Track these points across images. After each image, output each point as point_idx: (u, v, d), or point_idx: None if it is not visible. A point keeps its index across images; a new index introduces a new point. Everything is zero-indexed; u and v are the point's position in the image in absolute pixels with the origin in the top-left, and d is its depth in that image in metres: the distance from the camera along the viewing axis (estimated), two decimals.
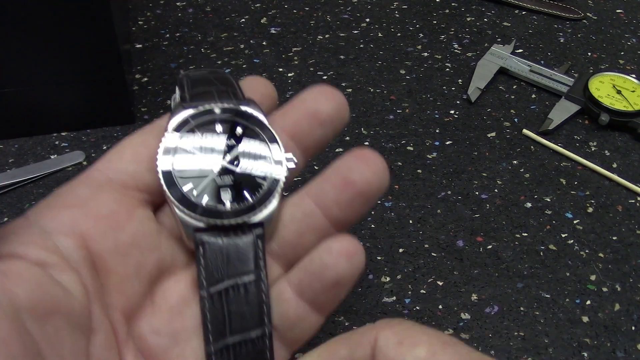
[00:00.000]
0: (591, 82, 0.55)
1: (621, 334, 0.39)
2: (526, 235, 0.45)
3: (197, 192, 0.23)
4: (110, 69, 0.49)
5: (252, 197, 0.23)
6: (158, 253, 0.23)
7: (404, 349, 0.18)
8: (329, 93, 0.25)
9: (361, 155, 0.24)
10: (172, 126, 0.23)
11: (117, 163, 0.23)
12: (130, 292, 0.22)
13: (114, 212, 0.22)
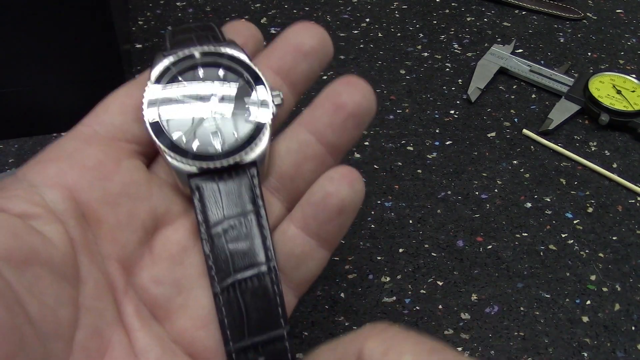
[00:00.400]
0: (591, 82, 0.55)
1: (621, 334, 0.39)
2: (526, 235, 0.45)
3: (187, 138, 0.23)
4: (110, 69, 0.49)
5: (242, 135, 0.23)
6: (150, 202, 0.23)
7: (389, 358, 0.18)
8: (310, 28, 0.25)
9: (347, 80, 0.24)
10: (154, 76, 0.23)
11: (103, 116, 0.23)
12: (124, 241, 0.22)
13: (101, 163, 0.22)
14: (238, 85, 0.24)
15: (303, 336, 0.38)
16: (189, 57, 0.24)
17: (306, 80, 0.26)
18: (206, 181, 0.22)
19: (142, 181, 0.23)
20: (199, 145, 0.23)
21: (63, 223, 0.21)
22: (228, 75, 0.24)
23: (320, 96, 0.25)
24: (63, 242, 0.20)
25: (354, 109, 0.24)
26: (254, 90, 0.24)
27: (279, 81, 0.25)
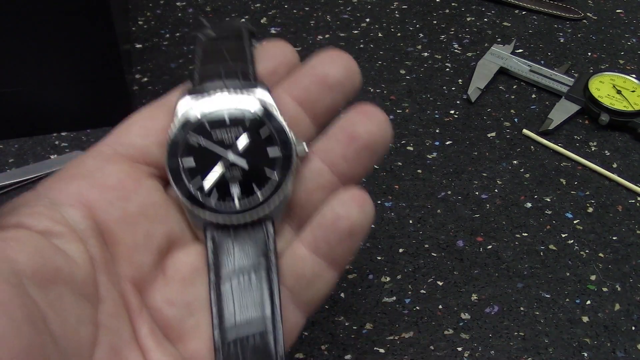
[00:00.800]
0: (591, 82, 0.55)
1: (621, 334, 0.39)
2: (526, 235, 0.45)
3: (206, 189, 0.22)
4: (110, 69, 0.49)
5: (260, 192, 0.23)
6: (167, 224, 0.23)
7: None
8: (337, 57, 0.24)
9: (363, 110, 0.24)
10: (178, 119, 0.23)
11: (125, 137, 0.23)
12: (139, 262, 0.22)
13: (121, 183, 0.22)
14: (262, 135, 0.23)
15: (303, 336, 0.38)
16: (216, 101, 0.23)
17: (330, 113, 0.25)
18: (221, 232, 0.22)
19: (159, 203, 0.23)
20: (218, 198, 0.22)
21: (84, 242, 0.21)
22: (253, 124, 0.23)
23: (335, 125, 0.24)
24: (84, 261, 0.20)
25: (369, 140, 0.23)
26: (277, 141, 0.23)
27: (301, 113, 0.24)
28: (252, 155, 0.23)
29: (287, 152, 0.23)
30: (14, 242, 0.19)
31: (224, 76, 0.23)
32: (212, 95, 0.23)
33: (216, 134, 0.23)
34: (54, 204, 0.21)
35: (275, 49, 0.26)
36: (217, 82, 0.23)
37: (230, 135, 0.23)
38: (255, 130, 0.23)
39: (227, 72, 0.23)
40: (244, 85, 0.23)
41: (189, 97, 0.23)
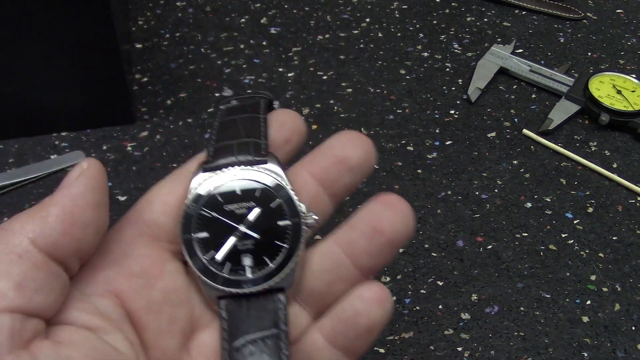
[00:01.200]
0: (591, 82, 0.55)
1: (621, 334, 0.39)
2: (526, 235, 0.45)
3: (218, 260, 0.23)
4: (110, 69, 0.49)
5: (272, 262, 0.23)
6: (189, 307, 0.23)
7: None
8: (357, 139, 0.25)
9: (388, 201, 0.24)
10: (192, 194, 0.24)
11: (147, 215, 0.24)
12: (165, 347, 0.23)
13: (145, 270, 0.23)
14: (272, 207, 0.24)
15: None
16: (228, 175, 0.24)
17: (347, 192, 0.26)
18: (233, 303, 0.23)
19: (182, 287, 0.23)
20: (230, 270, 0.23)
21: (121, 330, 0.22)
22: (264, 196, 0.24)
23: (359, 215, 0.24)
24: (129, 351, 0.21)
25: (393, 235, 0.24)
26: (287, 213, 0.24)
27: (321, 191, 0.25)
28: (263, 227, 0.24)
29: (296, 223, 0.24)
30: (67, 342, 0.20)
31: (236, 152, 0.24)
32: (225, 170, 0.24)
33: (228, 207, 0.24)
34: (85, 295, 0.22)
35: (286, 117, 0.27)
36: (230, 158, 0.24)
37: (242, 208, 0.24)
38: (266, 203, 0.24)
39: (239, 147, 0.25)
40: (255, 160, 0.24)
41: (203, 173, 0.24)
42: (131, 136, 0.51)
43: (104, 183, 0.22)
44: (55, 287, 0.20)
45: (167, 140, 0.51)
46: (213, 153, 0.25)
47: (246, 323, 0.23)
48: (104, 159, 0.49)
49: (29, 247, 0.20)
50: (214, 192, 0.24)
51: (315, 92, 0.56)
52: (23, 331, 0.19)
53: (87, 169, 0.22)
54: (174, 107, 0.54)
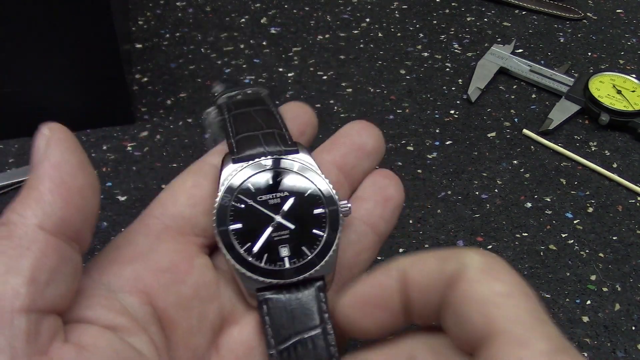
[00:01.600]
0: (591, 82, 0.55)
1: (621, 334, 0.39)
2: (526, 235, 0.45)
3: (256, 251, 0.23)
4: (110, 69, 0.49)
5: (311, 251, 0.23)
6: (218, 302, 0.23)
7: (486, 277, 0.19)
8: (369, 127, 0.27)
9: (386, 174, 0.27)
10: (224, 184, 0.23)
11: (172, 208, 0.23)
12: (195, 345, 0.22)
13: (174, 265, 0.22)
14: (308, 196, 0.24)
15: None
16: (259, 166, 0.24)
17: (363, 176, 0.27)
18: (273, 294, 0.23)
19: (211, 282, 0.23)
20: (268, 259, 0.23)
21: (146, 331, 0.21)
22: (298, 185, 0.24)
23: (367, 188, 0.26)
24: (153, 354, 0.21)
25: (398, 200, 0.26)
26: (323, 202, 0.24)
27: (341, 178, 0.26)
28: (299, 217, 0.23)
29: (333, 211, 0.24)
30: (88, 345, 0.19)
31: (263, 142, 0.24)
32: (257, 161, 0.24)
33: (262, 198, 0.23)
34: (111, 292, 0.21)
35: (298, 110, 0.27)
36: (259, 149, 0.24)
37: (276, 198, 0.23)
38: (301, 192, 0.24)
39: (265, 138, 0.24)
40: (285, 150, 0.24)
41: (234, 164, 0.24)
42: (131, 136, 0.51)
43: (76, 141, 0.21)
44: (67, 273, 0.19)
45: (167, 140, 0.51)
46: (236, 145, 0.24)
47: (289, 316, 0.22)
48: (104, 159, 0.49)
49: (37, 234, 0.18)
50: (247, 183, 0.23)
51: (315, 92, 0.56)
52: (41, 333, 0.18)
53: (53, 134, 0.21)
54: (174, 107, 0.54)
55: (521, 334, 0.18)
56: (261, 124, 0.25)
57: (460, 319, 0.19)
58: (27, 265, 0.18)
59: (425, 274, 0.21)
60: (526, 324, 0.18)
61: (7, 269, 0.18)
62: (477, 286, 0.19)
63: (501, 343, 0.18)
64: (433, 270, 0.20)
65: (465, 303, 0.19)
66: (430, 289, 0.20)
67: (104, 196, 0.47)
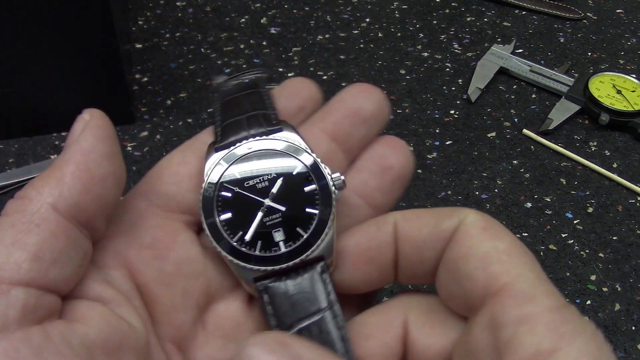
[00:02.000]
0: (591, 82, 0.55)
1: (621, 334, 0.39)
2: (526, 235, 0.45)
3: (248, 239, 0.22)
4: (110, 69, 0.49)
5: (305, 232, 0.22)
6: (204, 278, 0.22)
7: (486, 234, 0.19)
8: (368, 90, 0.25)
9: (389, 142, 0.24)
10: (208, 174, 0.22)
11: (157, 185, 0.23)
12: (179, 322, 0.22)
13: (157, 240, 0.22)
14: (296, 175, 0.22)
15: None
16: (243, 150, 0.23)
17: (362, 146, 0.25)
18: (273, 282, 0.22)
19: (196, 257, 0.22)
20: (262, 246, 0.22)
21: (132, 304, 0.21)
22: (284, 164, 0.23)
23: (366, 158, 0.24)
24: (140, 325, 0.20)
25: (401, 170, 0.24)
26: (313, 178, 0.22)
27: (334, 147, 0.24)
28: (290, 198, 0.22)
29: (325, 187, 0.22)
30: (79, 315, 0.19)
31: (246, 126, 0.23)
32: (239, 146, 0.23)
33: (249, 183, 0.22)
34: (96, 266, 0.21)
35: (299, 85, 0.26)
36: (242, 133, 0.23)
37: (264, 181, 0.22)
38: (289, 172, 0.22)
39: (249, 121, 0.23)
40: (268, 130, 0.23)
41: (217, 153, 0.23)
42: (131, 136, 0.51)
43: (112, 131, 0.21)
44: (74, 258, 0.19)
45: (167, 140, 0.51)
46: (221, 132, 0.23)
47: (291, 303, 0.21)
48: None
49: (49, 213, 0.18)
50: (231, 170, 0.22)
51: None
52: (37, 308, 0.17)
53: (91, 120, 0.20)
54: (174, 107, 0.54)
55: (526, 290, 0.18)
56: (247, 107, 0.24)
57: (461, 276, 0.19)
58: (34, 242, 0.18)
59: (420, 229, 0.20)
60: (530, 280, 0.18)
61: (13, 242, 0.18)
62: (479, 242, 0.19)
63: (506, 299, 0.18)
64: (429, 226, 0.20)
65: (467, 260, 0.19)
66: (425, 245, 0.20)
67: None
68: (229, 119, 0.24)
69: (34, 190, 0.19)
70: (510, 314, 0.17)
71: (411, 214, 0.21)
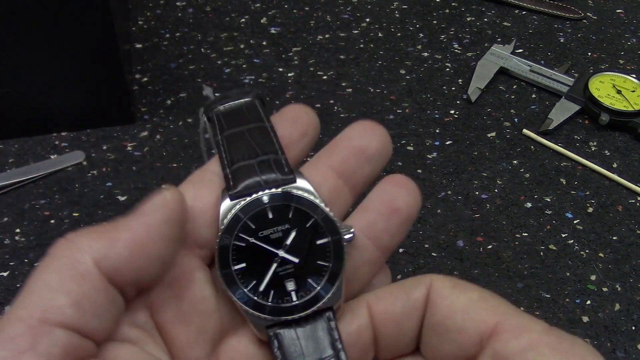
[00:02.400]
0: (591, 82, 0.55)
1: (621, 334, 0.39)
2: (526, 235, 0.45)
3: (262, 290, 0.22)
4: (110, 69, 0.49)
5: (317, 283, 0.23)
6: (218, 315, 0.23)
7: (458, 290, 0.21)
8: (373, 128, 0.25)
9: (398, 181, 0.25)
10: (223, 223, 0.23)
11: None
12: (194, 357, 0.22)
13: (175, 279, 0.22)
14: (309, 228, 0.23)
15: None
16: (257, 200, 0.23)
17: (367, 182, 0.25)
18: (283, 329, 0.23)
19: (210, 296, 0.23)
20: (274, 296, 0.22)
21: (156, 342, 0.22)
22: (298, 217, 0.23)
23: (372, 198, 0.25)
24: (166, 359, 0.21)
25: (409, 212, 0.24)
26: (326, 232, 0.23)
27: (340, 184, 0.25)
28: (303, 250, 0.23)
29: (337, 240, 0.23)
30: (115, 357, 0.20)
31: (259, 172, 0.23)
32: (254, 196, 0.23)
33: (263, 233, 0.23)
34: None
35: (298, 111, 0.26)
36: (254, 179, 0.23)
37: (278, 232, 0.23)
38: (303, 224, 0.23)
39: (261, 167, 0.24)
40: (282, 180, 0.23)
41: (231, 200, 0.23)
42: (131, 136, 0.51)
43: (184, 217, 0.22)
44: (111, 312, 0.20)
45: (167, 140, 0.51)
46: (232, 177, 0.24)
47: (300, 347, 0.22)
48: (104, 159, 0.49)
49: (92, 267, 0.19)
50: (246, 220, 0.23)
51: (315, 92, 0.56)
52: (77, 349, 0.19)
53: (170, 201, 0.21)
54: (174, 107, 0.54)
55: (516, 322, 0.20)
56: (255, 148, 0.24)
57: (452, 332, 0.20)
58: (77, 291, 0.19)
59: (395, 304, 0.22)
60: (514, 314, 0.20)
61: (58, 287, 0.19)
62: (455, 299, 0.21)
63: (503, 335, 0.19)
64: (402, 300, 0.22)
65: (452, 316, 0.20)
66: (403, 318, 0.21)
67: (104, 196, 0.47)
68: (238, 162, 0.24)
69: (86, 240, 0.20)
70: (513, 346, 0.19)
71: (382, 292, 0.22)
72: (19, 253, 0.43)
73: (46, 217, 0.45)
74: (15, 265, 0.42)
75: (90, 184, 0.48)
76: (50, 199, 0.46)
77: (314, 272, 0.23)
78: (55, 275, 0.19)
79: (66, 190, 0.47)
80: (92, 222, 0.45)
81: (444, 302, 0.21)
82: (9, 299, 0.40)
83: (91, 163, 0.49)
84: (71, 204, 0.46)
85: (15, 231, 0.44)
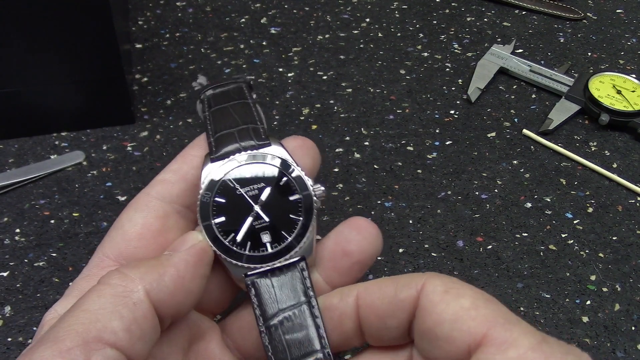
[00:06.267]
0: (591, 82, 0.55)
1: (621, 334, 0.39)
2: (526, 235, 0.45)
3: (239, 240, 0.25)
4: (110, 69, 0.49)
5: (289, 235, 0.25)
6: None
7: (449, 297, 0.21)
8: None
9: (356, 225, 0.26)
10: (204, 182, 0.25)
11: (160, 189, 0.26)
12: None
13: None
14: (283, 185, 0.25)
15: None
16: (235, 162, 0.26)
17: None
18: (260, 277, 0.25)
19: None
20: (251, 246, 0.25)
21: None
22: (272, 175, 0.26)
23: (330, 236, 0.26)
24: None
25: (360, 256, 0.26)
26: (297, 189, 0.26)
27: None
28: (277, 205, 0.25)
29: (307, 195, 0.26)
30: None
31: (238, 139, 0.26)
32: (232, 157, 0.26)
33: (241, 191, 0.25)
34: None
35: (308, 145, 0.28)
36: (234, 145, 0.26)
37: (254, 190, 0.25)
38: (276, 182, 0.26)
39: (240, 134, 0.26)
40: (258, 144, 0.26)
41: (212, 163, 0.26)
42: (131, 136, 0.51)
43: (211, 259, 0.24)
44: (152, 339, 0.22)
45: (167, 140, 0.51)
46: (215, 143, 0.26)
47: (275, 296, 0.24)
48: (104, 159, 0.49)
49: (143, 296, 0.21)
50: (225, 179, 0.25)
51: (315, 92, 0.56)
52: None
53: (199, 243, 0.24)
54: (174, 107, 0.54)
55: (504, 335, 0.19)
56: (237, 119, 0.27)
57: (440, 340, 0.21)
58: (129, 316, 0.21)
59: (381, 300, 0.22)
60: (504, 325, 0.20)
61: (113, 310, 0.21)
62: (445, 306, 0.21)
63: (488, 348, 0.19)
64: (389, 297, 0.22)
65: (441, 325, 0.20)
66: (387, 315, 0.22)
67: (104, 196, 0.47)
68: (221, 131, 0.27)
69: (139, 272, 0.22)
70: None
71: (373, 285, 0.23)
72: (19, 253, 0.43)
73: (46, 217, 0.45)
74: (15, 265, 0.42)
75: (90, 184, 0.48)
76: (50, 199, 0.46)
77: (286, 225, 0.25)
78: (111, 301, 0.21)
79: (66, 190, 0.47)
80: (92, 222, 0.45)
81: (434, 309, 0.21)
82: (9, 299, 0.40)
83: (91, 163, 0.49)
84: (71, 204, 0.46)
85: (15, 231, 0.44)
